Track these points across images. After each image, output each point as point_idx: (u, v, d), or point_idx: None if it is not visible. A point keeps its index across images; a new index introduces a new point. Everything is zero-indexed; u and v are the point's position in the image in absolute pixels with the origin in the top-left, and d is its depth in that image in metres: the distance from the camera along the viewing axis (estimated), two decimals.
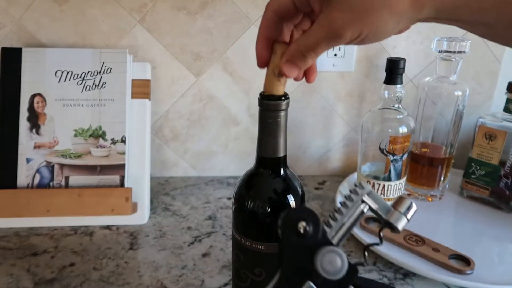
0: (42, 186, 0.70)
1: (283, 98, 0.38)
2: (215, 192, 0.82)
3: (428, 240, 0.63)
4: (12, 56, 0.71)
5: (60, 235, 0.66)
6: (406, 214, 0.36)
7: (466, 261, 0.59)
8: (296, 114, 0.85)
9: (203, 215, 0.74)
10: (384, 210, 0.37)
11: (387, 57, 0.70)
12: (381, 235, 0.38)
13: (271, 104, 0.38)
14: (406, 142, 0.70)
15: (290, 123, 0.80)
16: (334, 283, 0.34)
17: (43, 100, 0.71)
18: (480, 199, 0.77)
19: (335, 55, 0.81)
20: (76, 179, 0.71)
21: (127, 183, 0.72)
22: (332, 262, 0.35)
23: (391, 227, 0.37)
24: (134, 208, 0.70)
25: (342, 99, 0.85)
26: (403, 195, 0.39)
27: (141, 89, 0.74)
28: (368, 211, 0.38)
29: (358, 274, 0.35)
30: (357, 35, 0.32)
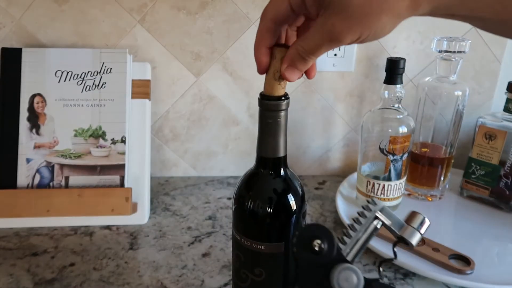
0: (42, 186, 0.70)
1: (283, 98, 0.38)
2: (215, 192, 0.82)
3: (428, 240, 0.63)
4: (12, 56, 0.71)
5: (60, 235, 0.66)
6: (419, 229, 0.37)
7: (466, 261, 0.60)
8: (296, 114, 0.85)
9: (203, 215, 0.74)
10: (397, 225, 0.38)
11: (387, 57, 0.70)
12: (395, 251, 0.38)
13: (271, 104, 0.38)
14: (406, 142, 0.69)
15: (290, 123, 0.80)
16: None
17: (43, 100, 0.71)
18: (480, 199, 0.77)
19: (335, 55, 0.81)
20: (76, 179, 0.71)
21: (127, 183, 0.72)
22: (348, 279, 0.35)
23: (404, 242, 0.37)
24: (134, 208, 0.70)
25: (342, 99, 0.85)
26: (416, 212, 0.39)
27: (141, 89, 0.74)
28: (381, 226, 0.38)
29: None
30: (356, 38, 0.32)
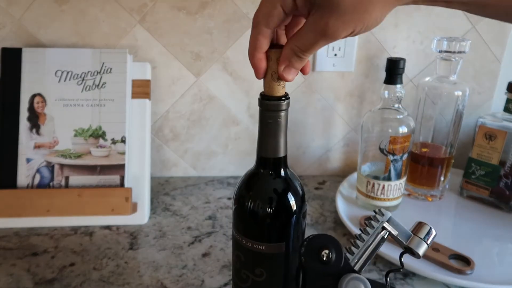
0: (42, 186, 0.70)
1: (284, 98, 0.38)
2: (215, 192, 0.82)
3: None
4: (12, 56, 0.71)
5: (60, 235, 0.66)
6: (426, 239, 0.37)
7: (466, 261, 0.60)
8: (296, 114, 0.85)
9: (203, 215, 0.74)
10: (404, 236, 0.38)
11: (387, 57, 0.70)
12: (401, 261, 0.39)
13: (271, 104, 0.38)
14: (406, 142, 0.70)
15: (290, 123, 0.80)
16: None
17: (43, 100, 0.71)
18: (480, 199, 0.77)
19: (335, 55, 0.81)
20: (76, 179, 0.71)
21: (127, 183, 0.72)
22: None
23: (411, 252, 0.38)
24: (134, 208, 0.70)
25: (342, 99, 0.85)
26: (422, 222, 0.40)
27: (141, 89, 0.74)
28: (388, 236, 0.39)
29: None
30: (350, 32, 0.33)
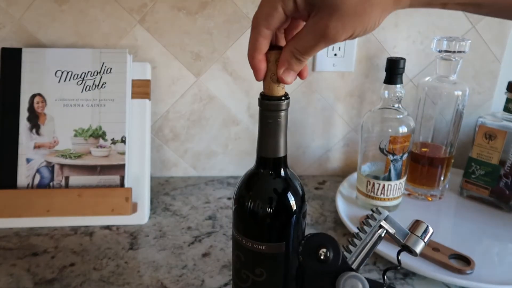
0: (42, 186, 0.70)
1: (283, 98, 0.38)
2: (215, 192, 0.82)
3: (427, 244, 0.63)
4: (12, 56, 0.71)
5: (60, 235, 0.66)
6: (423, 237, 0.38)
7: (466, 260, 0.60)
8: (296, 114, 0.85)
9: (203, 215, 0.74)
10: (401, 234, 0.38)
11: (387, 57, 0.70)
12: (399, 259, 0.39)
13: (271, 104, 0.38)
14: (406, 142, 0.70)
15: (290, 123, 0.80)
16: None
17: (43, 100, 0.71)
18: (480, 198, 0.77)
19: (335, 55, 0.81)
20: (76, 179, 0.71)
21: (127, 183, 0.72)
22: (354, 287, 0.35)
23: (409, 250, 0.38)
24: (134, 208, 0.70)
25: (342, 99, 0.85)
26: (419, 220, 0.40)
27: (141, 89, 0.74)
28: (385, 235, 0.39)
29: None
30: (350, 35, 0.34)
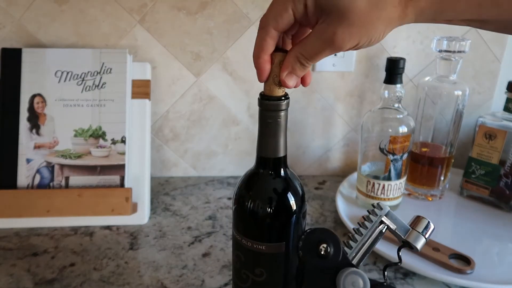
0: (42, 186, 0.70)
1: (283, 98, 0.38)
2: (215, 192, 0.82)
3: (428, 240, 0.63)
4: (12, 56, 0.71)
5: (60, 235, 0.66)
6: (424, 233, 0.38)
7: (466, 260, 0.60)
8: (296, 114, 0.85)
9: (203, 215, 0.74)
10: (402, 230, 0.38)
11: (387, 56, 0.70)
12: (399, 255, 0.39)
13: (271, 104, 0.38)
14: (406, 142, 0.69)
15: (290, 123, 0.80)
16: None
17: (43, 101, 0.71)
18: (480, 198, 0.77)
19: (335, 55, 0.81)
20: (76, 179, 0.71)
21: (127, 183, 0.72)
22: (354, 283, 0.35)
23: (409, 246, 0.38)
24: (134, 208, 0.70)
25: (342, 99, 0.85)
26: (420, 216, 0.40)
27: (141, 89, 0.74)
28: (386, 230, 0.39)
29: None
30: (355, 45, 0.34)
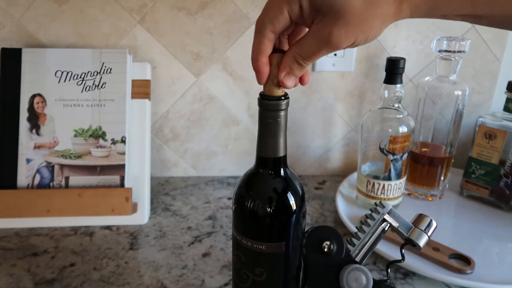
0: (42, 186, 0.70)
1: (283, 98, 0.38)
2: (215, 192, 0.82)
3: (430, 237, 0.63)
4: (12, 56, 0.71)
5: (60, 235, 0.66)
6: (426, 231, 0.38)
7: (466, 260, 0.60)
8: (296, 114, 0.85)
9: (203, 215, 0.74)
10: (405, 228, 0.38)
11: (387, 56, 0.70)
12: (402, 252, 0.39)
13: (271, 104, 0.38)
14: (406, 142, 0.69)
15: (290, 123, 0.80)
16: None
17: (43, 101, 0.71)
18: (480, 198, 0.77)
19: (335, 55, 0.81)
20: (76, 179, 0.71)
21: (127, 183, 0.72)
22: (358, 280, 0.35)
23: (412, 244, 0.38)
24: (134, 208, 0.70)
25: (342, 99, 0.85)
26: (423, 214, 0.40)
27: (141, 89, 0.74)
28: (389, 228, 0.39)
29: None
30: (351, 43, 0.35)
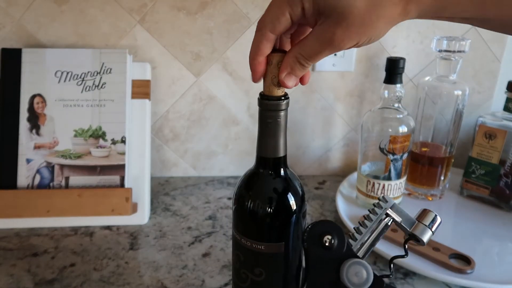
0: (42, 186, 0.70)
1: (283, 98, 0.38)
2: (215, 192, 0.82)
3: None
4: (12, 57, 0.71)
5: (60, 235, 0.66)
6: (430, 226, 0.37)
7: (466, 260, 0.60)
8: (296, 114, 0.85)
9: (203, 215, 0.74)
10: (408, 222, 0.37)
11: (386, 56, 0.70)
12: (406, 247, 0.38)
13: (271, 104, 0.38)
14: (406, 142, 0.70)
15: (290, 123, 0.80)
16: None
17: (43, 101, 0.71)
18: (480, 198, 0.77)
19: (335, 55, 0.81)
20: (76, 179, 0.71)
21: (127, 183, 0.72)
22: (358, 274, 0.35)
23: (416, 239, 0.37)
24: (134, 208, 0.70)
25: (342, 99, 0.85)
26: (427, 209, 0.39)
27: (141, 89, 0.74)
28: (392, 223, 0.38)
29: (384, 286, 0.35)
30: (354, 44, 0.34)
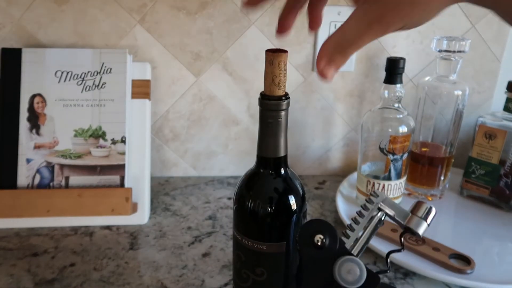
0: (42, 186, 0.70)
1: (284, 98, 0.38)
2: (215, 192, 0.82)
3: (428, 240, 0.63)
4: (12, 56, 0.71)
5: (60, 235, 0.66)
6: (425, 218, 0.36)
7: (466, 260, 0.60)
8: (296, 114, 0.85)
9: (203, 215, 0.74)
10: (402, 216, 0.37)
11: (386, 56, 0.70)
12: (402, 241, 0.38)
13: (271, 104, 0.38)
14: (406, 142, 0.70)
15: (290, 123, 0.80)
16: None
17: (43, 101, 0.71)
18: (480, 198, 0.77)
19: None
20: (76, 179, 0.71)
21: (127, 183, 0.71)
22: (351, 271, 0.35)
23: (411, 232, 0.36)
24: (134, 208, 0.70)
25: (342, 99, 0.85)
26: (421, 201, 0.38)
27: (141, 89, 0.74)
28: (385, 218, 0.38)
29: (380, 282, 0.35)
30: (401, 26, 0.30)
